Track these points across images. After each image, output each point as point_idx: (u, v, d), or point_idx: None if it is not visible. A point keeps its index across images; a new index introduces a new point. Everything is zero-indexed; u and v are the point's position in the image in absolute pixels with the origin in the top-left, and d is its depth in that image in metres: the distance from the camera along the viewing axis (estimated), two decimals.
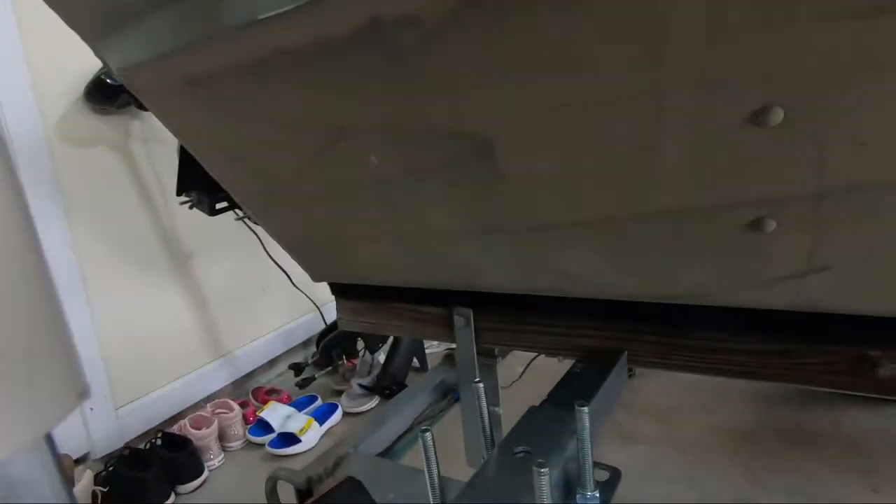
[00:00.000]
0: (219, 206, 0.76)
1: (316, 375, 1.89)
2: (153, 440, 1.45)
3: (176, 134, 0.54)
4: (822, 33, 0.24)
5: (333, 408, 1.73)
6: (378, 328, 0.81)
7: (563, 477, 0.43)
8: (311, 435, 1.57)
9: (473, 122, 0.36)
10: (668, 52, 0.26)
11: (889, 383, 0.42)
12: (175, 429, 1.50)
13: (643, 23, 0.26)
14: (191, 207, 0.78)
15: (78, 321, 1.40)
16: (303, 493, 0.50)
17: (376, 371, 1.88)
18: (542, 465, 0.33)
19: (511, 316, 0.68)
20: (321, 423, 1.65)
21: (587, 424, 0.40)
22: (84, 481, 1.10)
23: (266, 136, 0.48)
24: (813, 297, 0.36)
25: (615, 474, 0.45)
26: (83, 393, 0.14)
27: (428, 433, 0.39)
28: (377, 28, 0.34)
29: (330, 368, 1.91)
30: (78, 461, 1.28)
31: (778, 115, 0.27)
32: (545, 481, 0.33)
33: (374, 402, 1.78)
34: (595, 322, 0.61)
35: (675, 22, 0.25)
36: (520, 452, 0.43)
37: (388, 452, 0.61)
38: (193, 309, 1.78)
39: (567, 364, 0.59)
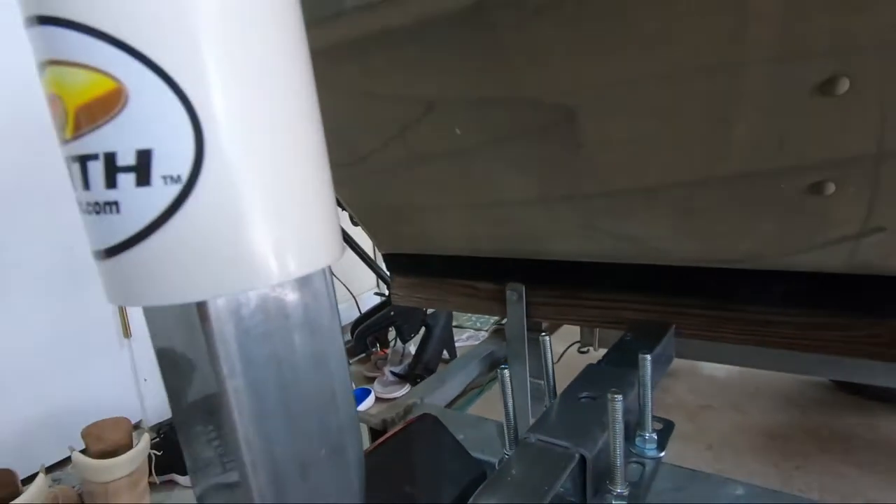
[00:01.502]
0: None
1: (350, 362, 1.96)
2: None
3: None
4: (888, 9, 0.28)
5: (367, 392, 1.79)
6: (431, 303, 0.86)
7: (625, 422, 0.47)
8: None
9: (559, 93, 0.41)
10: (748, 25, 0.31)
11: None
12: None
13: None
14: None
15: None
16: (377, 433, 0.56)
17: (407, 360, 1.94)
18: (616, 393, 0.37)
19: (561, 290, 0.72)
20: (356, 405, 1.71)
21: (649, 370, 0.44)
22: (142, 444, 1.18)
23: (358, 110, 0.54)
24: (866, 259, 0.39)
25: (668, 425, 0.49)
26: (343, 249, 0.19)
27: (506, 370, 0.44)
28: (481, 8, 0.39)
29: (363, 356, 1.97)
30: (135, 426, 1.37)
31: (844, 85, 0.31)
32: (619, 406, 0.37)
33: (405, 389, 1.83)
34: (643, 296, 0.65)
35: None
36: (584, 398, 0.47)
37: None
38: None
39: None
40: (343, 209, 0.76)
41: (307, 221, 0.16)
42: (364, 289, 2.20)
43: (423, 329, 1.96)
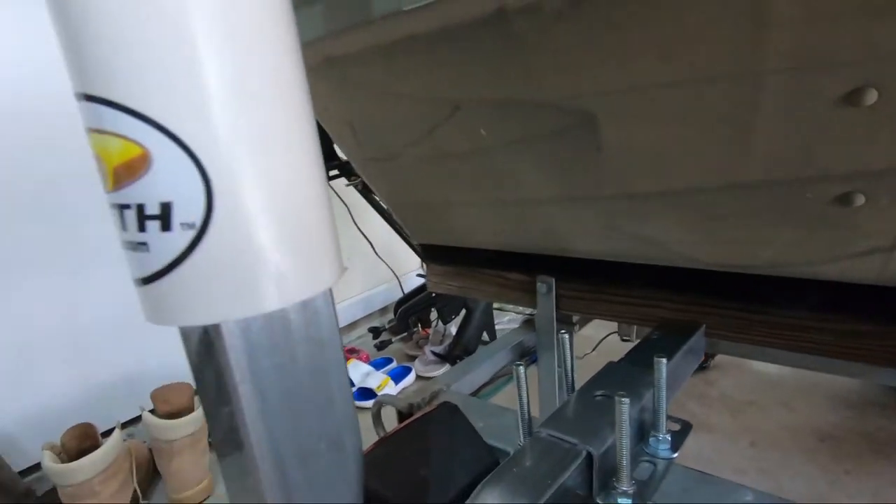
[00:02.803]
0: (331, 173, 0.86)
1: (392, 340, 2.03)
2: None
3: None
4: None
5: (408, 370, 1.86)
6: (464, 291, 0.88)
7: (638, 422, 0.48)
8: (387, 391, 1.70)
9: (580, 98, 0.41)
10: (767, 34, 0.30)
11: None
12: None
13: (745, 5, 0.30)
14: None
15: None
16: (403, 415, 0.59)
17: (448, 341, 1.98)
18: (623, 397, 0.38)
19: (591, 285, 0.72)
20: (396, 382, 1.78)
21: (664, 374, 0.45)
22: (202, 409, 1.29)
23: (389, 110, 0.56)
24: None
25: (686, 426, 0.49)
26: (343, 268, 0.21)
27: (521, 367, 0.46)
28: (502, 15, 0.40)
29: (405, 334, 2.04)
30: (195, 393, 1.49)
31: (872, 96, 0.30)
32: (625, 409, 0.38)
33: (444, 368, 1.88)
34: (673, 294, 0.65)
35: (776, 5, 0.29)
36: (599, 396, 0.48)
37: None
38: None
39: None
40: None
41: (307, 253, 0.19)
42: (408, 269, 2.26)
43: (463, 311, 2.00)
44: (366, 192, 1.37)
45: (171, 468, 1.24)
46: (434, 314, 2.04)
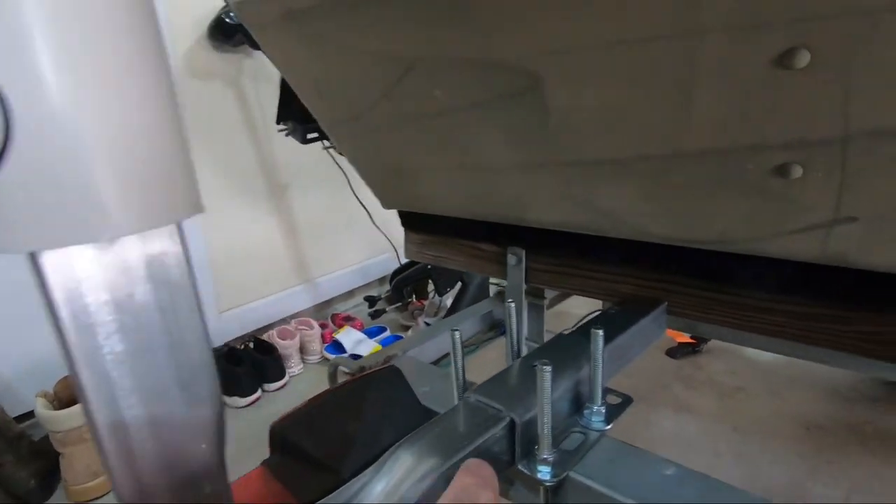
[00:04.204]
0: (310, 135, 0.86)
1: (387, 309, 2.05)
2: (246, 343, 1.68)
3: (276, 64, 0.62)
4: None
5: (399, 339, 1.88)
6: (439, 260, 0.88)
7: (575, 392, 0.48)
8: None
9: (525, 57, 0.40)
10: None
11: None
12: (265, 337, 1.72)
13: None
14: (287, 135, 0.88)
15: (190, 231, 1.62)
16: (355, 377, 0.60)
17: (442, 313, 1.99)
18: (546, 364, 0.38)
19: (560, 258, 0.71)
20: None
21: (600, 346, 0.44)
22: None
23: (348, 67, 0.55)
24: (840, 250, 0.36)
25: (627, 400, 0.49)
26: (199, 207, 0.21)
27: (457, 332, 0.45)
28: None
29: (400, 305, 2.06)
30: None
31: (804, 58, 0.28)
32: (547, 377, 0.38)
33: None
34: (639, 271, 0.64)
35: None
36: (537, 364, 0.48)
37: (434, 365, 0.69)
38: (286, 236, 1.97)
39: None
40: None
41: (139, 185, 0.18)
42: None
43: (459, 284, 2.00)
44: None
45: None
46: (430, 286, 2.06)
